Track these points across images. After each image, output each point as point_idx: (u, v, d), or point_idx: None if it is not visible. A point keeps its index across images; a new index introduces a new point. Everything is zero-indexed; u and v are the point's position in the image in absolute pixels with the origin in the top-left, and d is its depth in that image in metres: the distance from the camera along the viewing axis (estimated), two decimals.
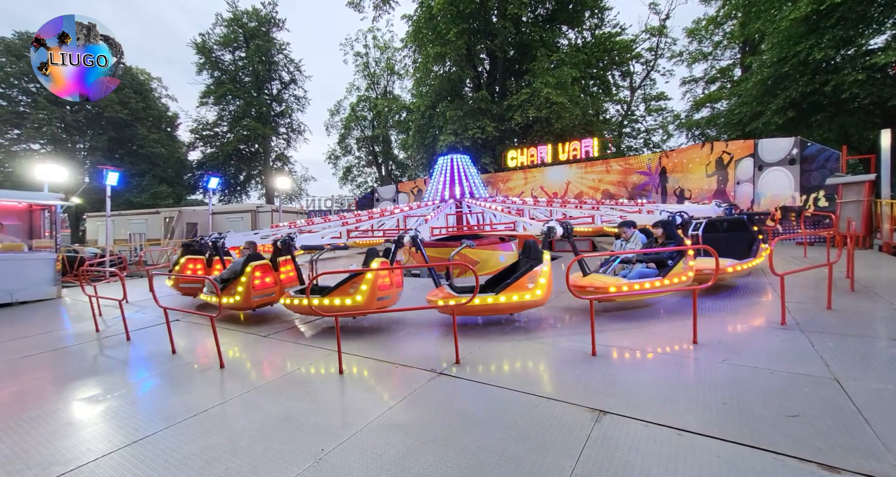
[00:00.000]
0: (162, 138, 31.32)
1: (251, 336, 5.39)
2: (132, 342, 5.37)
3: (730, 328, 4.63)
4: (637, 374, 3.55)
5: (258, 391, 3.64)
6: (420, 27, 19.27)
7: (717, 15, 26.94)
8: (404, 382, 3.68)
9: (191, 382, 3.95)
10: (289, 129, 36.13)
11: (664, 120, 30.54)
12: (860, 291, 5.71)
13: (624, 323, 5.01)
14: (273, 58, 35.00)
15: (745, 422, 2.64)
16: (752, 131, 18.67)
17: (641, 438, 2.56)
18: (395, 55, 34.56)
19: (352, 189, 36.68)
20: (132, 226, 16.70)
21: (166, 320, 4.69)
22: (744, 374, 3.36)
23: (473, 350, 4.34)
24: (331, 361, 4.26)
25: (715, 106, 28.19)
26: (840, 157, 10.39)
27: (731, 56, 28.42)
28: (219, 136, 33.96)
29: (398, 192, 19.50)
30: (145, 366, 4.56)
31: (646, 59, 28.75)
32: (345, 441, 2.74)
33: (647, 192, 14.87)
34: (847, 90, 15.19)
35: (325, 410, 3.27)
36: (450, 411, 3.12)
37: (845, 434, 2.44)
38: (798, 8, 16.08)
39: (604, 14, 24.44)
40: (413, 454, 2.56)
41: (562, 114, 17.12)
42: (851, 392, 2.93)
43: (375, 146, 35.23)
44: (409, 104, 26.35)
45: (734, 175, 12.43)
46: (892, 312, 4.79)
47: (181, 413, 3.28)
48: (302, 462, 2.53)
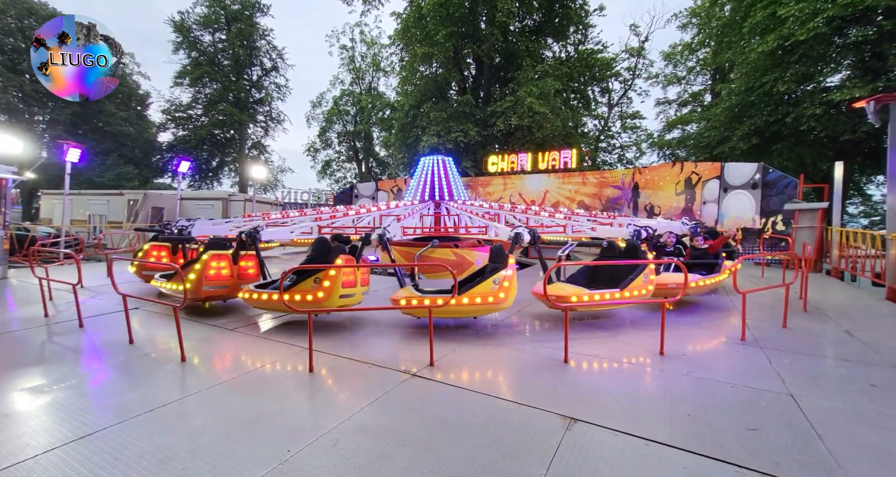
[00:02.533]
0: (131, 117, 29.78)
1: (216, 329, 5.17)
2: (85, 330, 5.04)
3: (693, 342, 4.79)
4: (607, 383, 3.63)
5: (222, 388, 3.48)
6: (409, 26, 19.19)
7: (692, 42, 28.30)
8: (377, 382, 3.61)
9: (148, 376, 3.74)
10: (267, 117, 35.09)
11: (638, 138, 31.71)
12: (812, 312, 6.07)
13: (594, 332, 5.11)
14: (255, 43, 33.96)
15: (708, 434, 2.73)
16: (719, 155, 19.61)
17: (611, 447, 2.60)
18: (382, 52, 34.34)
19: (330, 183, 36.06)
20: (92, 206, 15.73)
21: (125, 308, 4.42)
22: (707, 387, 3.49)
23: (447, 353, 4.32)
24: (300, 359, 4.14)
25: (685, 128, 29.57)
26: (798, 184, 11.05)
27: (703, 82, 29.85)
28: (192, 119, 32.57)
29: (378, 189, 19.28)
30: (98, 356, 4.28)
31: (624, 77, 29.76)
32: (312, 443, 2.66)
33: (619, 206, 15.32)
34: (805, 123, 16.23)
35: (293, 409, 3.17)
36: (423, 415, 3.08)
37: (801, 449, 2.56)
38: (766, 42, 17.08)
39: (587, 31, 25.14)
40: (384, 458, 2.50)
41: (543, 124, 17.43)
42: (805, 408, 3.09)
43: (357, 142, 34.75)
44: (394, 102, 26.15)
45: (701, 195, 12.99)
46: (840, 334, 5.11)
47: (136, 408, 3.09)
48: (265, 464, 2.43)
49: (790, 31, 16.01)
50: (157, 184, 36.40)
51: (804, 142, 17.60)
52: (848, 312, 6.16)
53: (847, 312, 6.16)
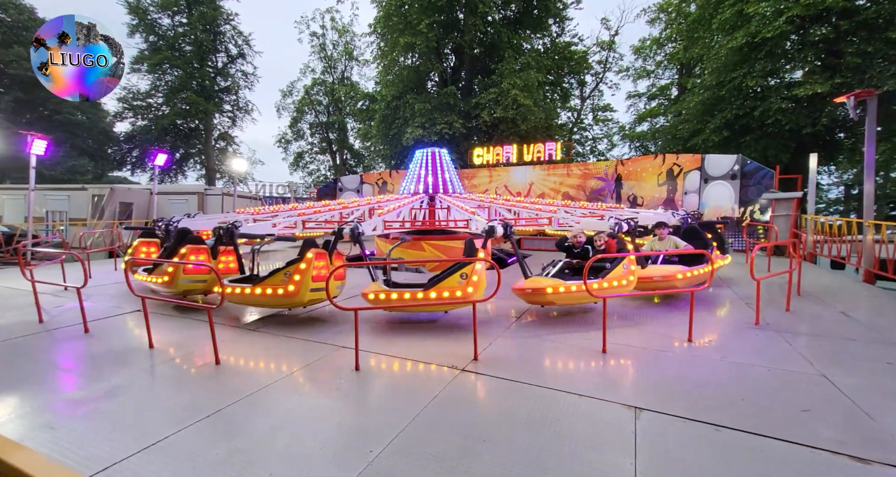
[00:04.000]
0: (83, 105, 27.61)
1: (236, 330, 4.93)
2: (93, 335, 4.68)
3: (712, 329, 5.01)
4: (651, 371, 3.74)
5: (272, 390, 3.34)
6: (390, 14, 18.71)
7: (660, 37, 29.28)
8: (429, 379, 3.57)
9: (188, 380, 3.54)
10: (234, 106, 33.43)
11: (609, 130, 32.62)
12: (805, 296, 6.48)
13: (614, 322, 5.24)
14: (219, 28, 32.17)
15: (767, 417, 2.87)
16: (693, 146, 20.48)
17: (686, 434, 2.69)
18: (355, 40, 33.42)
19: (303, 176, 34.97)
20: (50, 203, 14.52)
21: (144, 311, 4.14)
22: (745, 371, 3.66)
23: (485, 347, 4.32)
24: (339, 357, 4.04)
25: (655, 121, 30.67)
26: (774, 175, 11.71)
27: (670, 76, 30.98)
28: (153, 108, 30.56)
29: (362, 182, 18.88)
30: (122, 362, 3.97)
31: (596, 70, 30.39)
32: (392, 441, 2.61)
33: (602, 197, 15.72)
34: (772, 116, 17.18)
35: (356, 408, 3.09)
36: (488, 409, 3.08)
37: (855, 427, 2.75)
38: (735, 38, 17.86)
39: (564, 24, 25.44)
40: (469, 454, 2.49)
41: (527, 116, 17.56)
42: (842, 387, 3.31)
43: (330, 133, 33.80)
44: (374, 93, 25.55)
45: (682, 186, 13.53)
46: (837, 315, 5.49)
47: (191, 414, 2.93)
48: (353, 465, 2.35)
49: (757, 28, 16.80)
50: (113, 177, 34.19)
51: (769, 134, 18.63)
52: (835, 294, 6.63)
53: (834, 294, 6.63)
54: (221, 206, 14.73)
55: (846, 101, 7.53)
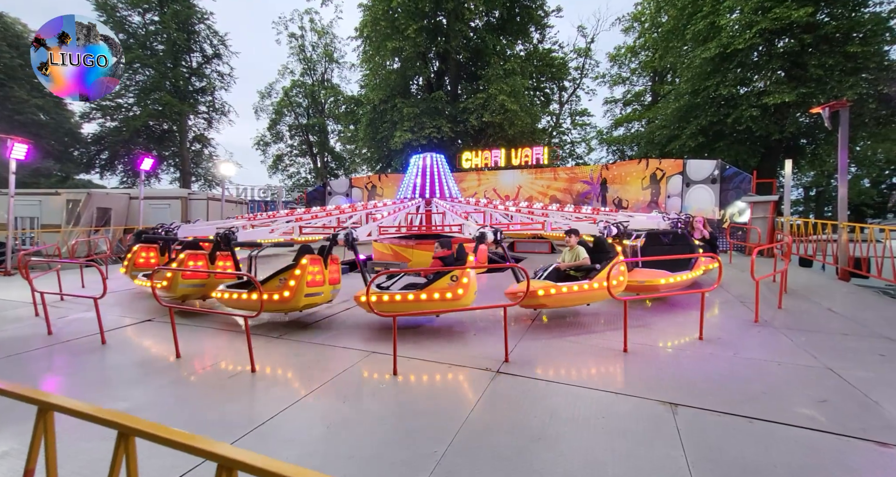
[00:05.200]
0: (47, 105, 26.23)
1: (260, 337, 4.87)
2: (110, 346, 4.54)
3: (716, 327, 5.29)
4: (674, 368, 3.95)
5: (317, 396, 3.36)
6: (378, 18, 18.70)
7: (635, 45, 30.41)
8: (467, 381, 3.67)
9: (228, 390, 3.52)
10: (210, 108, 32.52)
11: (587, 134, 33.55)
12: (791, 294, 6.92)
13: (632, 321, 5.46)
14: (193, 27, 31.27)
15: (790, 408, 3.11)
16: (670, 152, 21.33)
17: (725, 427, 2.88)
18: (336, 42, 33.15)
19: (282, 179, 34.30)
20: (19, 208, 13.71)
21: (171, 320, 4.06)
22: (759, 366, 3.93)
23: (511, 348, 4.43)
24: (373, 362, 4.11)
25: (630, 126, 31.76)
26: (752, 179, 12.39)
27: (644, 83, 32.19)
28: (123, 109, 29.36)
29: (352, 186, 18.75)
30: (153, 373, 3.89)
31: (573, 76, 31.25)
32: (452, 441, 2.70)
33: (588, 201, 16.19)
34: (745, 123, 18.13)
35: (406, 411, 3.15)
36: (532, 410, 3.20)
37: (870, 415, 3.01)
38: (708, 49, 18.76)
39: (545, 31, 26.06)
40: (528, 453, 2.60)
41: (514, 121, 17.91)
42: (849, 379, 3.60)
43: (311, 136, 33.32)
44: (360, 96, 25.40)
45: (666, 189, 14.11)
46: (824, 311, 5.91)
47: (243, 423, 2.94)
48: (423, 466, 2.43)
49: (729, 40, 17.72)
50: (79, 181, 32.65)
51: (740, 140, 19.64)
52: (817, 292, 7.11)
53: (817, 292, 7.10)
54: (207, 211, 14.31)
55: (821, 111, 8.10)
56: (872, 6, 17.98)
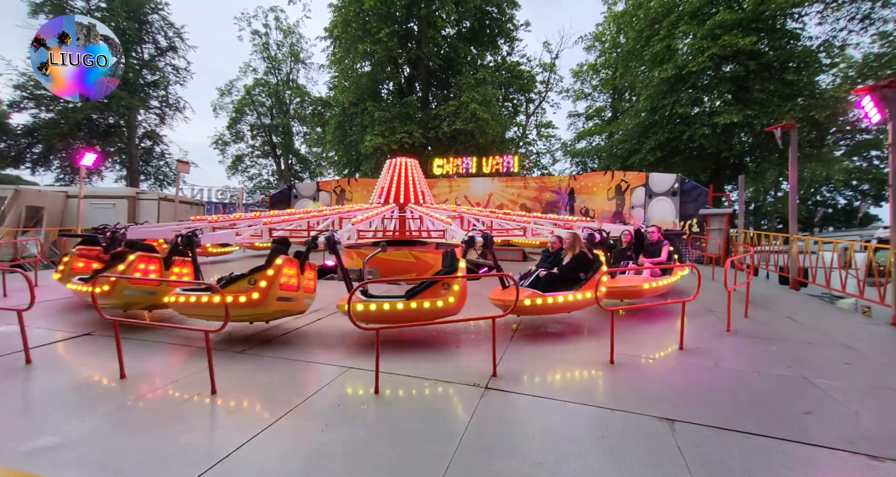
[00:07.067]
0: None
1: (221, 353, 4.38)
2: (36, 366, 3.91)
3: (693, 335, 5.34)
4: (661, 380, 3.92)
5: (292, 418, 3.01)
6: (349, 20, 18.31)
7: (596, 63, 31.86)
8: (457, 398, 3.45)
9: (187, 415, 3.08)
10: (163, 103, 30.53)
11: (551, 146, 34.54)
12: (752, 303, 7.21)
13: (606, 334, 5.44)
14: (146, 17, 29.38)
15: (781, 421, 3.11)
16: (631, 165, 22.27)
17: (725, 444, 2.82)
18: (301, 42, 32.30)
19: (242, 180, 32.71)
20: None
21: (116, 334, 3.53)
22: (741, 377, 3.97)
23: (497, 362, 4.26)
24: (350, 379, 3.78)
25: (591, 139, 33.04)
26: (708, 193, 13.08)
27: (604, 100, 33.68)
28: (61, 100, 26.91)
29: (319, 190, 18.06)
30: (95, 398, 3.34)
31: (539, 90, 32.15)
32: (448, 467, 2.46)
33: (557, 209, 16.51)
34: (698, 141, 19.25)
35: (393, 435, 2.86)
36: (529, 427, 3.03)
37: (852, 426, 3.06)
38: (665, 70, 19.89)
39: (514, 44, 26.66)
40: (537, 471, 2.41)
41: (486, 129, 18.03)
42: (824, 388, 3.70)
43: (274, 136, 32.06)
44: (328, 98, 24.71)
45: (630, 200, 14.62)
46: (785, 320, 6.19)
47: (202, 457, 2.52)
48: None
49: (683, 62, 18.85)
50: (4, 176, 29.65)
51: (694, 156, 20.83)
52: (775, 301, 7.47)
53: (774, 301, 7.47)
54: (157, 212, 13.22)
55: (774, 131, 8.65)
56: (804, 40, 19.84)
